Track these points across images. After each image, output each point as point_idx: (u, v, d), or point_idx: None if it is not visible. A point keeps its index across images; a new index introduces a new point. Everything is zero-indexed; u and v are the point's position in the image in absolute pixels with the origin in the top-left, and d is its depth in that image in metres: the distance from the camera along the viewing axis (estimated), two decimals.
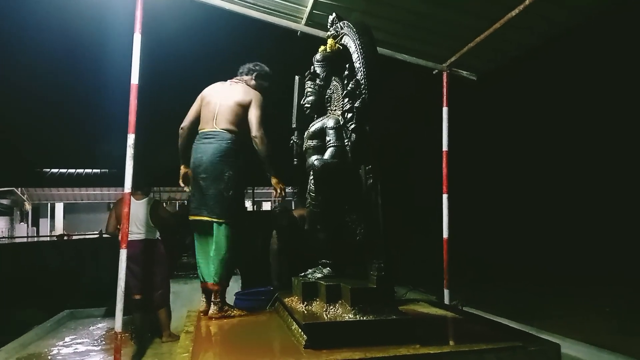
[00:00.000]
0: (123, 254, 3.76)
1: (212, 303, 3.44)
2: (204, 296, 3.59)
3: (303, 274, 3.18)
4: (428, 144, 6.36)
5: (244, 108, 3.57)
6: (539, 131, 10.56)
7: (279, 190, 3.64)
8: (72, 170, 19.68)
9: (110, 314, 5.74)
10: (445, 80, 5.31)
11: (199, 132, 3.60)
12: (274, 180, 3.62)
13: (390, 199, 2.76)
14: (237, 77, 3.83)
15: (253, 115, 3.55)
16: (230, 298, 3.82)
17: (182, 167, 3.75)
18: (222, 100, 3.60)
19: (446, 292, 5.18)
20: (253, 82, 3.81)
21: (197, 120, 3.66)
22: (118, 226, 5.02)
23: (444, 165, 5.31)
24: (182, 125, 3.70)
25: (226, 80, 3.80)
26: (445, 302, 4.91)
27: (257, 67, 3.86)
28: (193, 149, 3.59)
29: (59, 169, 19.56)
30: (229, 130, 3.52)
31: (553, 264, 9.31)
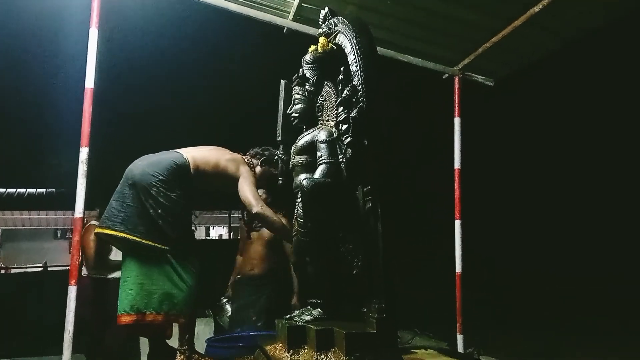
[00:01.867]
0: (72, 291, 3.70)
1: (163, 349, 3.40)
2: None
3: (289, 315, 3.16)
4: (436, 160, 6.40)
5: (227, 174, 3.68)
6: (564, 145, 10.67)
7: None
8: (12, 190, 19.48)
9: None
10: (457, 85, 5.37)
11: None
12: None
13: (393, 225, 2.77)
14: (241, 153, 3.95)
15: (247, 191, 3.63)
16: (200, 346, 3.78)
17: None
18: (208, 150, 3.74)
19: (460, 337, 5.16)
20: (259, 168, 3.94)
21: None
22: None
23: (457, 185, 5.33)
24: None
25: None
26: (459, 350, 4.89)
27: (266, 153, 3.98)
28: None
29: None
30: (188, 160, 3.55)
31: (586, 299, 9.35)
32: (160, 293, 3.35)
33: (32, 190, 19.44)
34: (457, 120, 5.36)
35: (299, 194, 3.07)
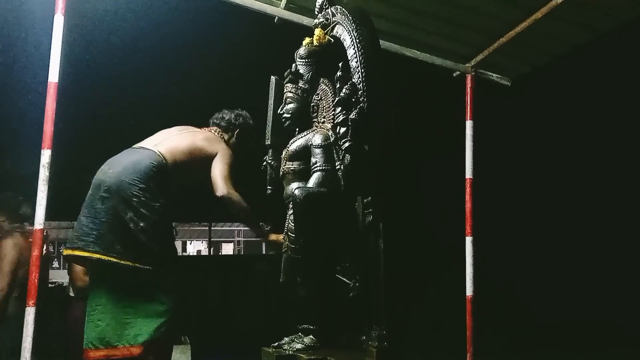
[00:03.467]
0: (30, 313, 3.68)
1: None
2: None
3: (277, 343, 3.16)
4: (445, 169, 6.42)
5: (205, 157, 3.56)
6: (590, 153, 10.70)
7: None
8: None
9: None
10: (469, 84, 5.39)
11: None
12: (272, 237, 3.60)
13: (396, 241, 2.78)
14: (211, 127, 3.86)
15: (217, 170, 3.51)
16: None
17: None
18: (177, 136, 3.61)
19: None
20: (233, 139, 3.85)
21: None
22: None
23: (468, 197, 5.34)
24: None
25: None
26: None
27: (238, 121, 3.88)
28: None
29: None
30: (164, 156, 3.43)
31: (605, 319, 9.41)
32: (136, 322, 3.25)
33: None
34: (469, 124, 5.36)
35: (290, 205, 3.08)
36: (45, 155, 3.79)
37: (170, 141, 3.55)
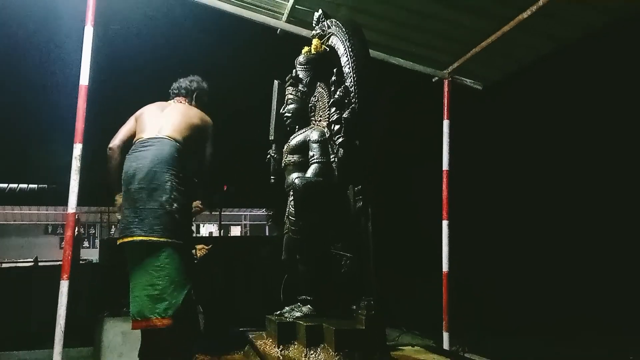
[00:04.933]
0: (64, 285, 3.70)
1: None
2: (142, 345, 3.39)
3: (279, 312, 3.18)
4: (426, 162, 6.43)
5: (200, 132, 3.53)
6: (553, 149, 10.72)
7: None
8: (3, 185, 19.33)
9: (45, 358, 5.61)
10: (446, 89, 5.40)
11: (135, 142, 3.48)
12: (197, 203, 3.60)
13: (383, 224, 2.79)
14: (177, 98, 3.75)
15: (209, 154, 3.53)
16: None
17: (116, 195, 3.54)
18: (173, 112, 3.54)
19: (445, 335, 5.20)
20: (193, 102, 3.74)
21: (131, 139, 3.54)
22: None
23: (445, 186, 5.37)
24: (110, 145, 3.54)
25: (164, 101, 3.75)
26: (444, 347, 4.92)
27: (194, 86, 3.79)
28: (126, 160, 3.43)
29: None
30: (175, 139, 3.40)
31: (569, 305, 9.39)
32: (165, 296, 3.24)
33: (24, 185, 19.31)
34: (446, 123, 5.39)
35: (291, 193, 3.09)
36: (77, 149, 3.81)
37: (169, 123, 3.48)
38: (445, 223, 5.34)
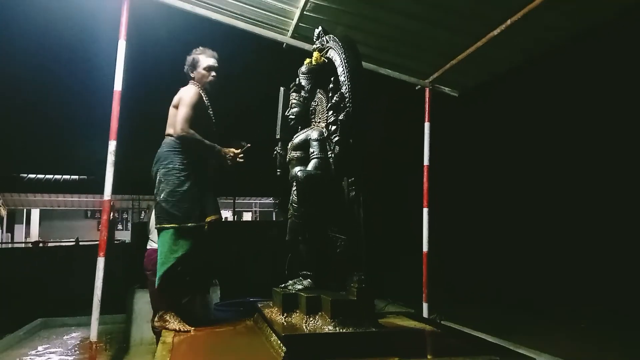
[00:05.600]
0: (101, 262, 3.71)
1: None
2: None
3: (284, 285, 3.19)
4: (413, 159, 6.43)
5: (177, 111, 3.38)
6: (523, 144, 10.72)
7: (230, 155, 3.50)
8: (50, 176, 19.32)
9: (85, 323, 5.63)
10: (427, 95, 5.40)
11: None
12: (224, 150, 3.48)
13: (373, 211, 2.79)
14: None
15: (178, 114, 3.30)
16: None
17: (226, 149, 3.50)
18: (171, 108, 3.47)
19: (425, 305, 5.23)
20: (198, 74, 3.51)
21: None
22: None
23: (425, 179, 5.38)
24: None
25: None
26: (424, 316, 4.94)
27: (191, 59, 3.53)
28: None
29: (36, 174, 19.21)
30: (168, 134, 3.40)
31: (539, 283, 9.41)
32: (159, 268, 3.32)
33: (67, 176, 19.31)
34: (427, 125, 5.40)
35: (294, 184, 3.09)
36: (112, 145, 3.81)
37: (170, 117, 3.42)
38: (425, 210, 5.35)
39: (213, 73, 3.54)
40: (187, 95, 3.37)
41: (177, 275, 3.31)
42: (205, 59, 3.52)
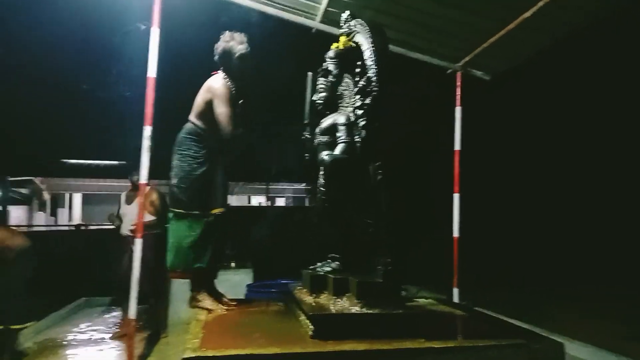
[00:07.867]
0: (139, 243, 3.83)
1: None
2: None
3: (312, 266, 3.24)
4: (443, 144, 6.35)
5: (208, 105, 3.30)
6: (555, 132, 10.47)
7: None
8: (91, 162, 19.92)
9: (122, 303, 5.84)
10: (458, 80, 5.31)
11: None
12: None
13: (401, 195, 2.79)
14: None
15: (218, 115, 3.24)
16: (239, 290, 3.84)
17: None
18: (199, 96, 3.41)
19: (455, 290, 5.20)
20: (231, 64, 3.38)
21: None
22: None
23: (456, 164, 5.31)
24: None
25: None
26: (453, 301, 4.92)
27: (220, 49, 3.39)
28: None
29: (78, 159, 19.83)
30: (192, 122, 3.36)
31: (566, 268, 9.23)
32: (180, 254, 3.31)
33: (107, 162, 19.88)
34: (458, 109, 5.32)
35: (322, 168, 3.11)
36: (147, 130, 3.90)
37: (195, 104, 3.37)
38: (456, 195, 5.30)
39: (245, 61, 3.43)
40: (219, 90, 3.29)
41: (188, 259, 3.31)
42: (236, 46, 3.39)
